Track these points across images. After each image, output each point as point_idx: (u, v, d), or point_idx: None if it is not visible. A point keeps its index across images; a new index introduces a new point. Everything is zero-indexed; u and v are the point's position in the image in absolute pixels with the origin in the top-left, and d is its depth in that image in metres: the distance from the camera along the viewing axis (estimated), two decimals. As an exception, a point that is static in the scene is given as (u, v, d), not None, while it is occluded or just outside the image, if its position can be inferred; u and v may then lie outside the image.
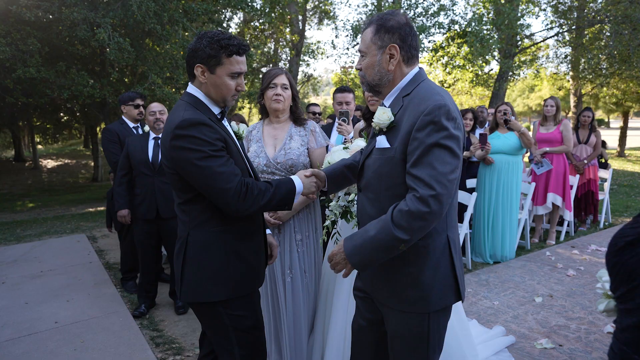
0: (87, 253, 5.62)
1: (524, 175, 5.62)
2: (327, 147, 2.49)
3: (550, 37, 15.12)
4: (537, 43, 15.47)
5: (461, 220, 4.54)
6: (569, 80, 17.97)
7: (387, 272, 1.53)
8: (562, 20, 14.72)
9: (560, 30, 14.91)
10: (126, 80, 10.58)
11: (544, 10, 14.88)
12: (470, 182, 5.19)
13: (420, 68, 1.55)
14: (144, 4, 8.07)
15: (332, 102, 3.45)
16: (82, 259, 5.36)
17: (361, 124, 2.68)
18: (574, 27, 14.32)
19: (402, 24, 1.48)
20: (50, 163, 23.34)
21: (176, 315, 3.63)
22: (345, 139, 2.87)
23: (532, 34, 15.28)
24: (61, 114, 17.55)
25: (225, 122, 1.81)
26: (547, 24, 15.20)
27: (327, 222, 2.20)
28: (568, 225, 5.81)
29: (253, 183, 1.64)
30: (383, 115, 1.49)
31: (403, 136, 1.42)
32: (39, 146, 25.68)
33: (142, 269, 3.72)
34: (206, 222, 1.68)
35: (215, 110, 1.72)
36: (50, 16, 8.32)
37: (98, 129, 18.28)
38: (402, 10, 1.66)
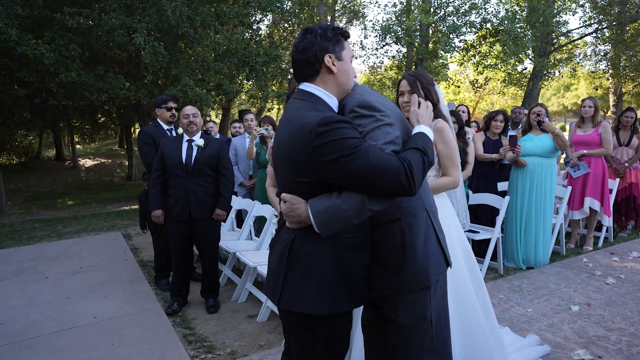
0: (123, 251, 5.83)
1: (559, 178, 5.44)
2: None
3: (589, 34, 14.56)
4: (574, 40, 14.91)
5: (493, 224, 4.44)
6: (608, 79, 17.23)
7: (384, 260, 1.64)
8: (602, 17, 14.13)
9: (600, 27, 14.33)
10: (160, 82, 10.91)
11: (582, 6, 14.33)
12: (502, 186, 5.06)
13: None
14: (178, 8, 8.31)
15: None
16: (118, 256, 5.57)
17: None
18: (614, 23, 13.72)
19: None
20: (88, 162, 24.34)
21: (207, 314, 3.72)
22: None
23: (569, 31, 14.75)
24: (99, 115, 18.28)
25: None
26: (585, 21, 14.64)
27: None
28: (607, 231, 5.57)
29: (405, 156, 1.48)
30: None
31: None
32: (78, 146, 26.79)
33: (175, 268, 3.83)
34: None
35: (334, 105, 1.60)
36: (91, 22, 8.70)
37: (133, 129, 18.93)
38: (431, 10, 1.85)
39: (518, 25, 12.38)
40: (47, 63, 8.07)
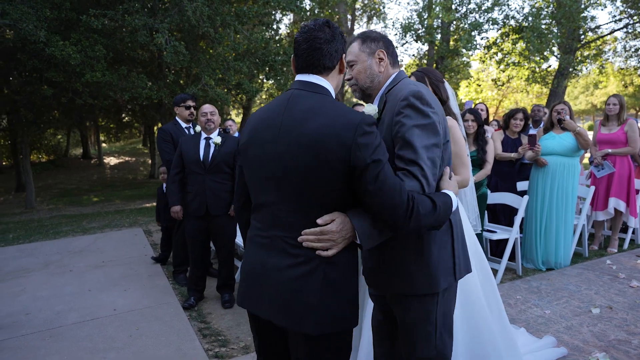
0: (143, 246, 5.98)
1: (582, 178, 5.28)
2: None
3: (619, 29, 14.07)
4: (602, 36, 14.45)
5: (511, 224, 4.36)
6: (639, 75, 16.60)
7: (398, 260, 1.64)
8: (633, 11, 13.63)
9: (631, 22, 13.83)
10: (181, 81, 11.12)
11: (613, 0, 13.86)
12: (522, 185, 4.95)
13: (401, 71, 1.73)
14: (199, 8, 8.44)
15: None
16: (139, 251, 5.72)
17: None
18: (645, 17, 13.23)
19: (383, 35, 1.73)
20: (112, 160, 25.00)
21: (223, 309, 3.78)
22: None
23: (597, 27, 14.29)
24: (123, 115, 18.75)
25: None
26: (615, 15, 14.16)
27: None
28: (633, 233, 5.39)
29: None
30: (369, 109, 1.65)
31: (387, 125, 1.56)
32: (104, 144, 27.58)
33: (192, 263, 3.91)
34: None
35: None
36: (115, 23, 8.92)
37: (155, 128, 19.33)
38: (453, 7, 1.82)
39: (543, 21, 12.08)
40: (73, 63, 8.33)
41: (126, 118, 20.11)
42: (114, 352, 3.07)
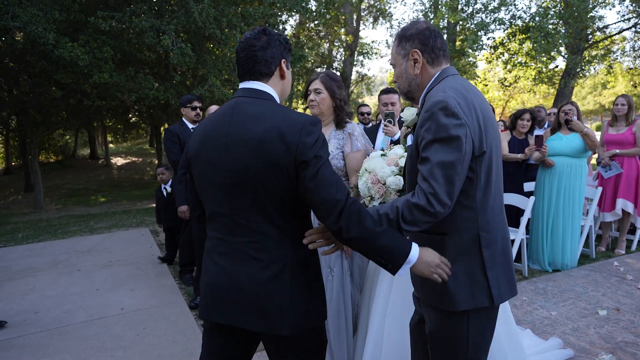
0: (150, 246, 6.02)
1: (589, 179, 5.25)
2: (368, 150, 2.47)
3: (627, 28, 13.93)
4: (611, 36, 14.32)
5: (517, 225, 4.34)
6: (647, 76, 16.44)
7: None
8: (641, 10, 13.50)
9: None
10: (187, 82, 11.19)
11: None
12: (529, 186, 4.93)
13: (446, 67, 1.58)
14: (205, 10, 8.50)
15: (378, 103, 3.45)
16: (145, 251, 5.76)
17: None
18: (655, 17, 13.10)
19: (420, 30, 1.56)
20: (119, 161, 25.17)
21: (228, 308, 3.80)
22: (391, 140, 2.85)
23: (606, 26, 14.16)
24: (130, 115, 18.88)
25: None
26: (624, 15, 14.03)
27: None
28: (641, 234, 5.34)
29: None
30: (407, 113, 1.62)
31: (416, 134, 1.49)
32: (111, 145, 27.77)
33: (198, 263, 3.93)
34: (300, 237, 1.49)
35: None
36: (122, 25, 8.99)
37: (162, 129, 19.45)
38: (459, 7, 1.73)
39: (550, 21, 12.00)
40: (81, 65, 8.42)
41: (133, 119, 20.24)
42: (121, 351, 3.10)
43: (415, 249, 1.44)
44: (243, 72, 1.52)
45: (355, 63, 18.29)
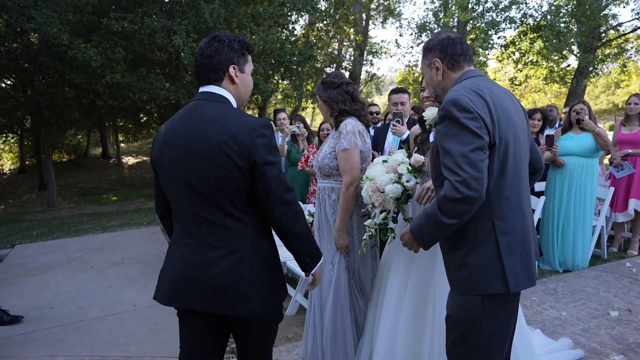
0: (161, 244, 6.10)
1: (601, 179, 5.20)
2: (364, 151, 2.46)
3: (641, 27, 13.70)
4: (625, 34, 14.10)
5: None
6: (662, 74, 16.17)
7: (444, 256, 1.67)
8: (656, 8, 13.27)
9: (654, 19, 13.46)
10: (198, 83, 11.25)
11: (635, -3, 13.51)
12: (539, 186, 4.90)
13: (468, 69, 1.69)
14: (216, 10, 8.57)
15: (388, 102, 3.47)
16: (157, 249, 5.84)
17: (417, 129, 2.60)
18: (670, 15, 12.87)
19: (440, 40, 1.70)
20: (131, 160, 25.44)
21: (239, 306, 3.85)
22: (400, 139, 2.86)
23: (619, 24, 13.95)
24: (141, 115, 19.07)
25: None
26: (638, 12, 13.81)
27: (365, 236, 2.24)
28: (654, 235, 5.27)
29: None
30: (428, 112, 1.77)
31: (436, 130, 1.62)
32: (122, 144, 28.06)
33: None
34: (264, 229, 1.65)
35: None
36: (134, 26, 9.10)
37: (173, 128, 19.56)
38: (469, 6, 1.80)
39: (562, 20, 11.86)
40: (94, 65, 8.55)
41: (144, 118, 20.44)
42: (134, 346, 3.16)
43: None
44: (198, 77, 1.64)
45: (364, 62, 18.25)
